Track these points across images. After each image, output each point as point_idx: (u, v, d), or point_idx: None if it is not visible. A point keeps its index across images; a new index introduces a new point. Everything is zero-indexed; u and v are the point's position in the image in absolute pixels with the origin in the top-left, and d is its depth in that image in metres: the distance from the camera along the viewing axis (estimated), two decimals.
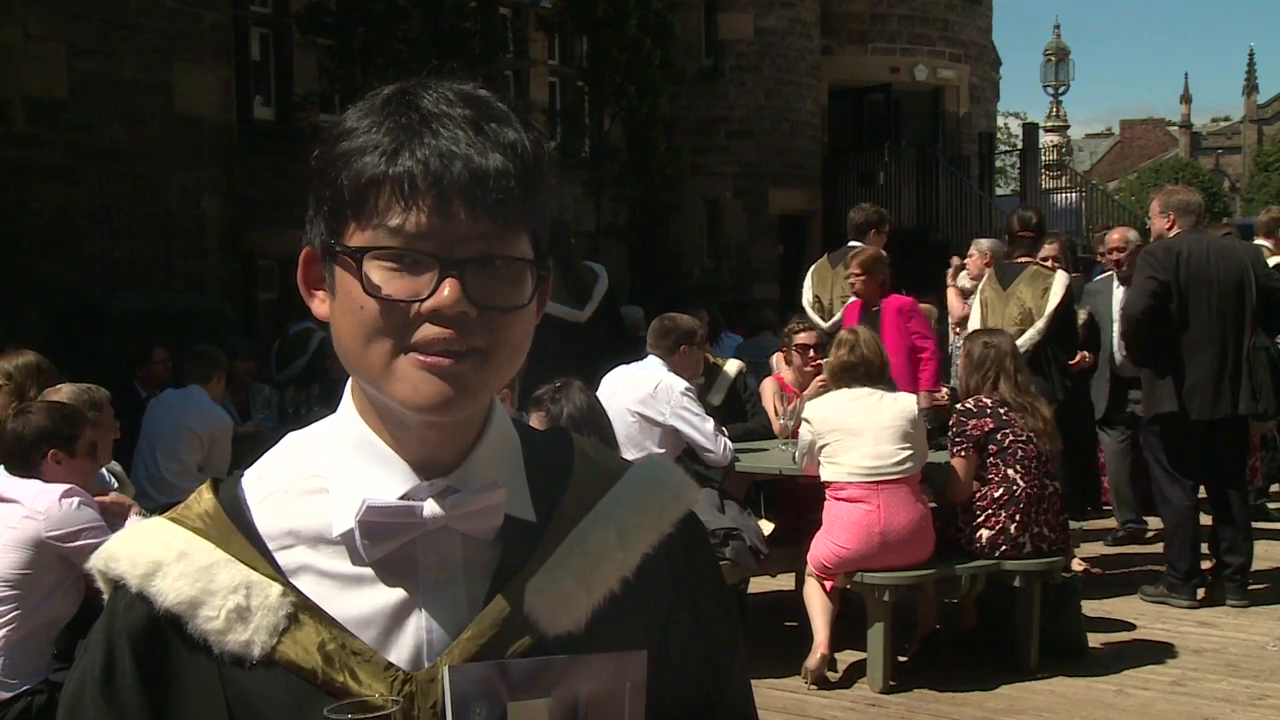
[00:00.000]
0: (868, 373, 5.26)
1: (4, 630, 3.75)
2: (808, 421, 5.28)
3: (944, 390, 6.90)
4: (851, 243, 7.52)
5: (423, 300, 0.98)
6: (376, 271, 0.99)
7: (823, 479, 5.23)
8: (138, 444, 6.39)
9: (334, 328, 1.05)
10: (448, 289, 0.98)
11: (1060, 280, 6.56)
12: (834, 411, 5.22)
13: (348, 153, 1.00)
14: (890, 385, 5.48)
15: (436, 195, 0.98)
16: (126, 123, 9.47)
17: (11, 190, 8.82)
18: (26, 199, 8.93)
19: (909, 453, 5.14)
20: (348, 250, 1.00)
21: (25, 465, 3.91)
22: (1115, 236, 7.90)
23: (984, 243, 8.13)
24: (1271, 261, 7.85)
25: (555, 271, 6.66)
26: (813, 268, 7.66)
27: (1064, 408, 6.19)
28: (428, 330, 0.99)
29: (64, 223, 9.12)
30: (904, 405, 5.23)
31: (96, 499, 4.04)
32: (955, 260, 8.78)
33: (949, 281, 8.55)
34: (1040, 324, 6.42)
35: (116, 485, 4.80)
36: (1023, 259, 6.75)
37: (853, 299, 6.91)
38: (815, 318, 7.24)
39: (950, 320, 8.36)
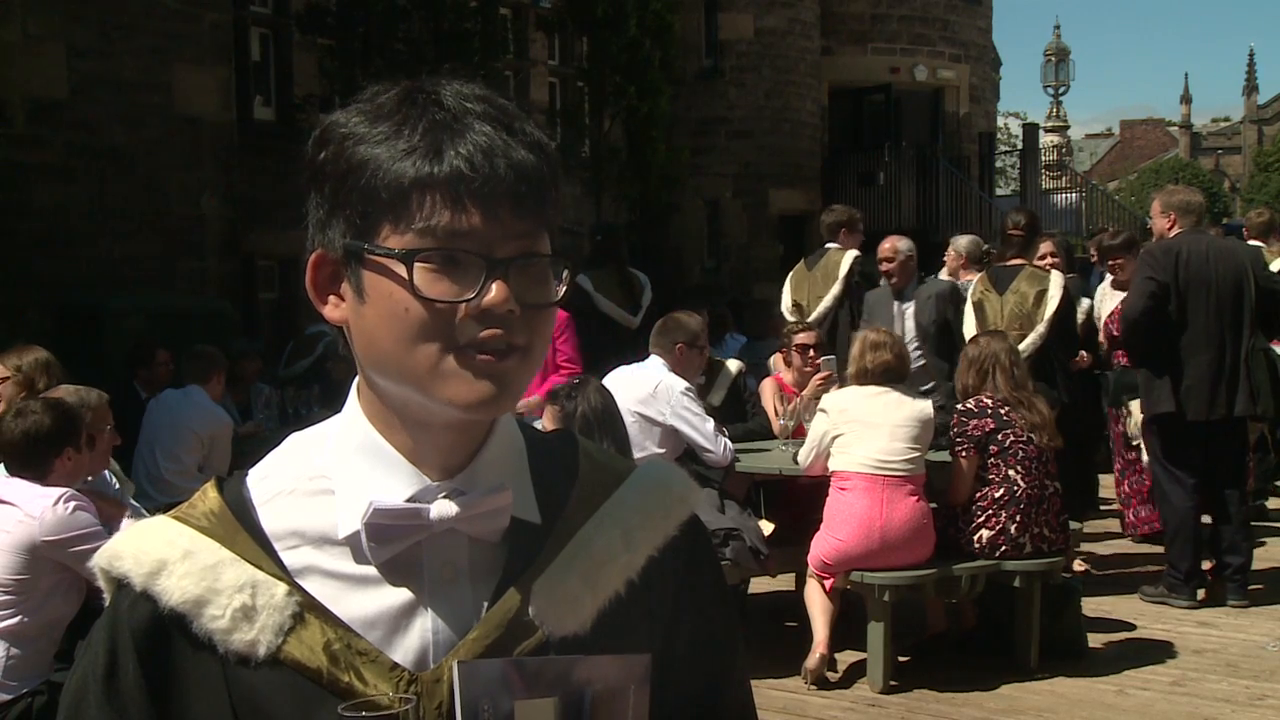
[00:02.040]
0: (903, 375, 5.37)
1: (5, 633, 3.74)
2: (824, 412, 5.31)
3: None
4: (827, 244, 7.60)
5: (470, 301, 0.99)
6: (417, 273, 0.98)
7: (830, 469, 5.25)
8: (138, 444, 6.40)
9: (363, 331, 1.03)
10: (495, 289, 0.98)
11: (1057, 281, 6.53)
12: (854, 404, 5.26)
13: (377, 155, 0.99)
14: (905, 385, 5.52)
15: (484, 195, 0.98)
16: (126, 123, 9.47)
17: (11, 190, 8.82)
18: (26, 199, 8.93)
19: (917, 453, 5.19)
20: (392, 253, 0.99)
21: (37, 465, 3.91)
22: (886, 246, 7.31)
23: (961, 241, 7.93)
24: (1274, 265, 7.86)
25: (614, 275, 6.85)
26: (791, 273, 7.75)
27: (1067, 409, 6.19)
28: (475, 331, 0.99)
29: (64, 223, 9.13)
30: (921, 406, 5.30)
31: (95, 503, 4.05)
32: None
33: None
34: (1041, 328, 6.39)
35: (118, 485, 4.80)
36: (1016, 260, 6.72)
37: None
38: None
39: None
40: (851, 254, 7.44)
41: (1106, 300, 7.73)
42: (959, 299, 6.90)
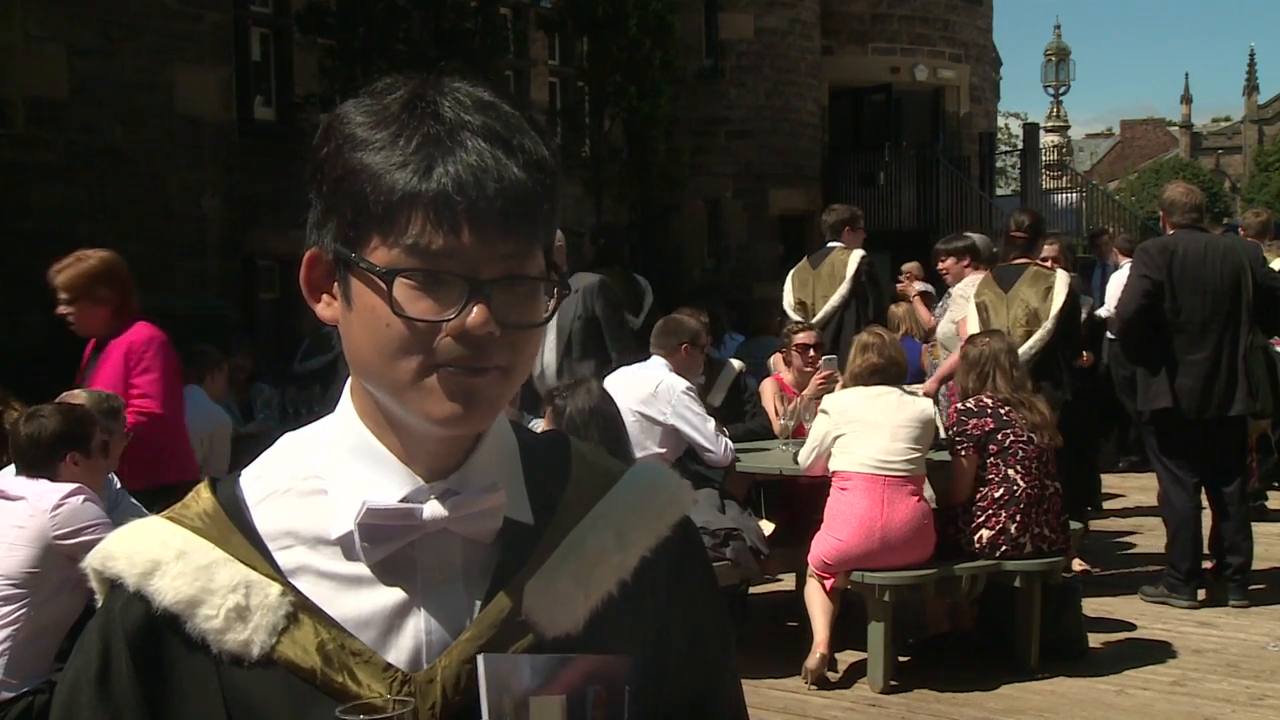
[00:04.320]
0: (897, 375, 5.35)
1: (9, 630, 3.75)
2: (825, 413, 5.32)
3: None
4: (830, 243, 7.57)
5: (450, 321, 0.98)
6: (399, 289, 0.98)
7: (830, 469, 5.25)
8: None
9: (349, 337, 1.04)
10: (476, 312, 0.98)
11: (1063, 280, 6.50)
12: (855, 405, 5.27)
13: (371, 164, 0.99)
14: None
15: (470, 216, 0.97)
16: (126, 123, 9.47)
17: (11, 190, 8.82)
18: (26, 199, 8.93)
19: (918, 453, 5.19)
20: (375, 270, 0.99)
21: (43, 467, 3.93)
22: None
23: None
24: (1275, 264, 7.84)
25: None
26: (793, 271, 7.71)
27: (1071, 408, 6.18)
28: (454, 350, 0.99)
29: (64, 223, 9.12)
30: (923, 407, 5.31)
31: None
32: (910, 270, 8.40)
33: (910, 291, 8.30)
34: (1048, 325, 6.35)
35: (119, 485, 4.80)
36: (1020, 260, 6.70)
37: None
38: (801, 321, 7.26)
39: (924, 328, 8.28)
40: (858, 254, 7.41)
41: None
42: (608, 294, 6.77)
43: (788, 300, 7.51)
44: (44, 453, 3.93)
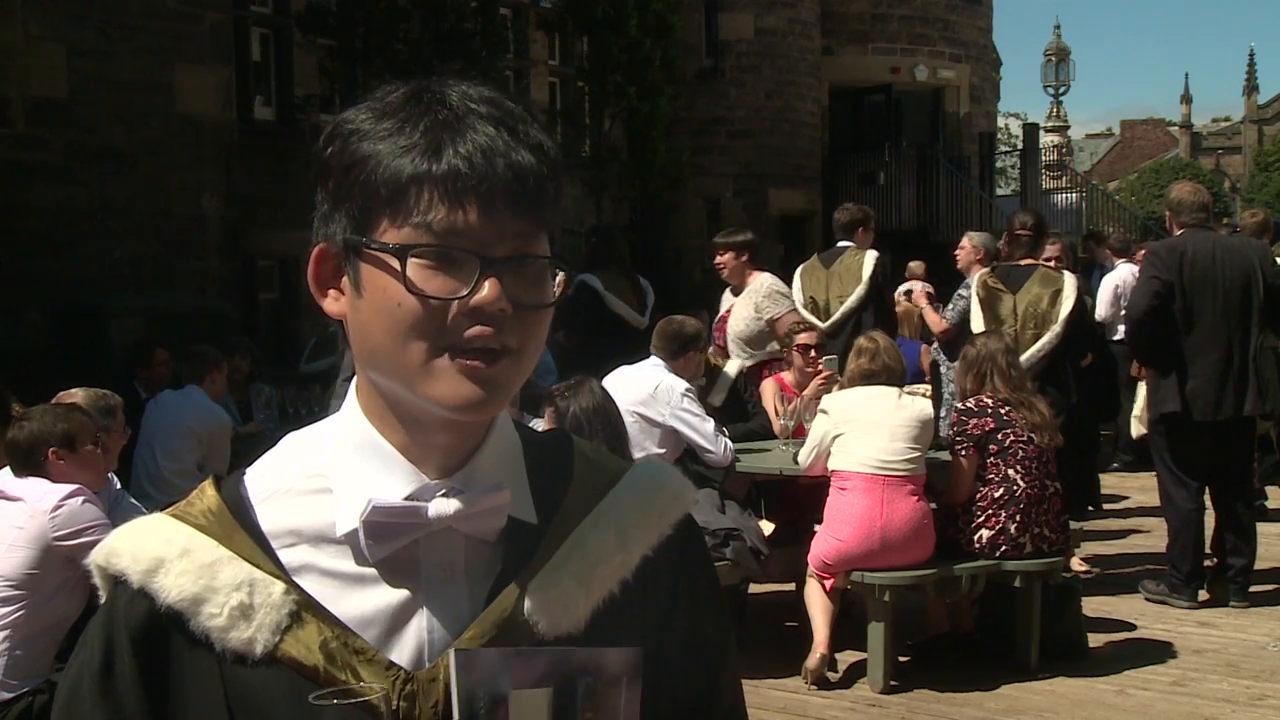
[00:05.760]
0: (889, 380, 5.36)
1: (9, 630, 3.75)
2: (825, 412, 5.33)
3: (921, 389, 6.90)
4: (841, 242, 7.56)
5: (464, 298, 0.99)
6: (411, 268, 0.99)
7: (830, 468, 5.25)
8: (137, 444, 6.39)
9: (358, 325, 1.04)
10: (488, 287, 0.99)
11: (1072, 284, 6.47)
12: (854, 405, 5.27)
13: (379, 150, 1.00)
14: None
15: (481, 193, 0.98)
16: (126, 123, 9.47)
17: (11, 190, 8.82)
18: (26, 199, 8.93)
19: (917, 453, 5.19)
20: (386, 248, 0.99)
21: (30, 467, 3.95)
22: None
23: (977, 236, 7.95)
24: None
25: (621, 276, 6.89)
26: (801, 269, 7.70)
27: (1076, 410, 6.18)
28: (467, 328, 1.00)
29: (64, 223, 9.13)
30: (922, 407, 5.32)
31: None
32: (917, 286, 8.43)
33: (921, 302, 8.31)
34: (1057, 329, 6.33)
35: (118, 485, 4.81)
36: (1025, 260, 6.68)
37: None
38: (811, 319, 7.25)
39: (934, 334, 8.28)
40: (873, 255, 7.39)
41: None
42: None
43: (797, 297, 7.48)
44: (25, 453, 3.97)
